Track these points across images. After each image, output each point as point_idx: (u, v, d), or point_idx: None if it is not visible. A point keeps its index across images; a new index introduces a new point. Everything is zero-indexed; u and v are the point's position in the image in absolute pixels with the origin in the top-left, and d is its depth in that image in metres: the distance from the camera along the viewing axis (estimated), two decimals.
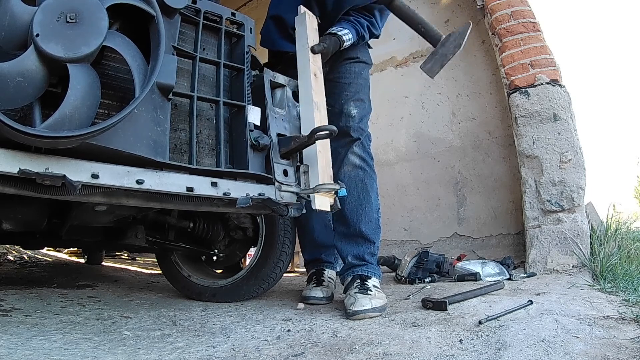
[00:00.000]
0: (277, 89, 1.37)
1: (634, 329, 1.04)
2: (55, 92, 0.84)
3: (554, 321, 1.12)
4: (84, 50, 0.79)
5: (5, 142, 0.78)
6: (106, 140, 0.87)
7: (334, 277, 1.80)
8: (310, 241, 1.81)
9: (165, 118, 1.03)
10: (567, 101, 2.08)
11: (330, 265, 1.80)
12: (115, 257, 4.14)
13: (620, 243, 1.99)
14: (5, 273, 2.58)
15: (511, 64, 2.22)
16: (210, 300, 1.77)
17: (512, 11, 2.27)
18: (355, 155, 1.60)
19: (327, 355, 1.05)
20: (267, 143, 1.22)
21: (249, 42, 1.31)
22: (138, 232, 1.68)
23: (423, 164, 2.93)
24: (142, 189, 0.96)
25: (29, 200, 1.15)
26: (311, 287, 1.71)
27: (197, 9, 1.21)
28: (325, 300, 1.65)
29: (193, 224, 1.77)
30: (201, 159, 1.15)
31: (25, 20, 0.78)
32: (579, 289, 1.57)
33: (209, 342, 1.20)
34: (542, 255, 1.98)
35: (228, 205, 1.20)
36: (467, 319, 1.23)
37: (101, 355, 1.04)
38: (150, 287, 2.27)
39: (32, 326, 1.25)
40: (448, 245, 2.71)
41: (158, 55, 0.91)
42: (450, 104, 2.84)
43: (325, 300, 1.66)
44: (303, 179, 1.30)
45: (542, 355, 0.93)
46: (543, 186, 2.04)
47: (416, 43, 2.99)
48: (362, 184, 1.60)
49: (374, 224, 1.60)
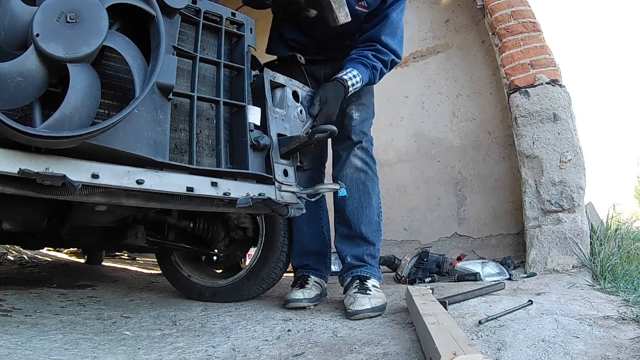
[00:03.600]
0: (277, 89, 1.37)
1: (634, 329, 1.04)
2: (55, 92, 0.83)
3: (554, 321, 1.12)
4: (84, 50, 0.79)
5: (5, 142, 0.78)
6: (106, 140, 0.87)
7: (322, 284, 1.68)
8: (300, 248, 1.71)
9: (166, 118, 1.03)
10: (567, 101, 2.08)
11: (318, 272, 1.67)
12: (115, 257, 4.14)
13: (620, 243, 1.99)
14: (5, 273, 2.58)
15: (511, 64, 2.22)
16: (210, 300, 1.77)
17: (512, 11, 2.27)
18: (358, 158, 1.60)
19: (327, 355, 1.05)
20: (267, 143, 1.22)
21: (249, 42, 1.31)
22: (138, 232, 1.68)
23: (423, 164, 2.93)
24: (142, 189, 0.96)
25: (29, 200, 1.15)
26: (293, 290, 1.61)
27: (197, 9, 1.21)
28: (305, 302, 1.54)
29: (193, 224, 1.76)
30: (201, 159, 1.15)
31: (25, 20, 0.78)
32: (579, 289, 1.57)
33: (209, 342, 1.20)
34: (542, 255, 1.98)
35: (228, 205, 1.20)
36: (467, 319, 1.23)
37: (101, 355, 1.04)
38: (150, 287, 2.27)
39: (32, 326, 1.25)
40: (448, 245, 2.71)
41: (158, 55, 0.90)
42: (450, 104, 2.84)
43: (306, 301, 1.55)
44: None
45: (542, 355, 0.93)
46: (543, 186, 2.04)
47: (416, 43, 2.99)
48: (364, 186, 1.59)
49: (375, 226, 1.60)
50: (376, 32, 1.53)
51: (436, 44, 2.95)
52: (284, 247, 1.70)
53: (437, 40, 2.94)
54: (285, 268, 1.75)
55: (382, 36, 1.53)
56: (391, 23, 1.54)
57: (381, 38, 1.53)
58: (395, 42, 1.55)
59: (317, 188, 1.35)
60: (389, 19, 1.53)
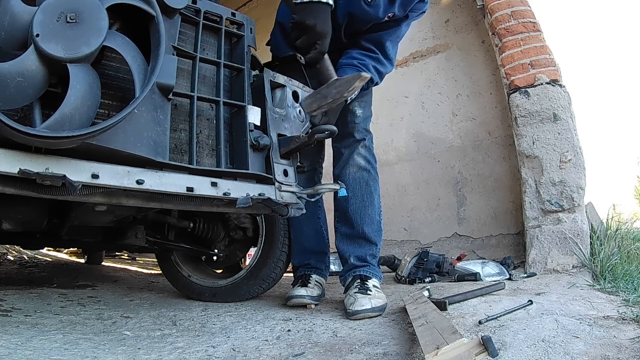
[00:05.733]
0: (277, 89, 1.37)
1: (634, 329, 1.04)
2: (55, 92, 0.83)
3: (554, 321, 1.12)
4: (84, 50, 0.79)
5: (5, 142, 0.78)
6: (106, 141, 0.87)
7: (323, 283, 1.68)
8: (300, 247, 1.71)
9: (166, 118, 1.03)
10: (567, 101, 2.08)
11: (319, 271, 1.68)
12: (115, 257, 4.14)
13: (620, 243, 1.99)
14: (5, 273, 2.58)
15: (511, 64, 2.22)
16: (210, 300, 1.77)
17: (512, 11, 2.27)
18: (361, 157, 1.60)
19: (327, 355, 1.05)
20: (267, 143, 1.22)
21: (249, 42, 1.31)
22: (138, 232, 1.68)
23: (423, 164, 2.93)
24: (142, 189, 0.96)
25: (29, 200, 1.15)
26: (295, 287, 1.61)
27: (197, 9, 1.21)
28: (308, 299, 1.55)
29: (193, 224, 1.76)
30: (201, 159, 1.15)
31: (25, 20, 0.78)
32: (579, 289, 1.57)
33: (209, 342, 1.20)
34: (542, 255, 1.98)
35: (228, 205, 1.20)
36: (467, 319, 1.23)
37: (101, 355, 1.04)
38: (150, 287, 2.27)
39: (32, 326, 1.25)
40: (448, 245, 2.71)
41: (158, 55, 0.90)
42: (450, 104, 2.84)
43: (309, 298, 1.56)
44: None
45: (542, 355, 0.93)
46: (543, 186, 2.04)
47: (416, 43, 2.99)
48: (367, 185, 1.59)
49: (376, 226, 1.60)
50: (382, 36, 1.54)
51: (436, 44, 2.95)
52: (284, 247, 1.70)
53: (437, 40, 2.94)
54: (286, 268, 1.75)
55: (387, 42, 1.55)
56: (399, 32, 1.58)
57: (385, 43, 1.55)
58: (394, 51, 1.60)
59: (317, 188, 1.35)
60: (399, 28, 1.57)
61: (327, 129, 1.26)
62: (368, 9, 1.44)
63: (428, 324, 1.04)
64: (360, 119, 1.61)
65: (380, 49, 1.55)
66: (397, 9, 1.48)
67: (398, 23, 1.56)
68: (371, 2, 1.43)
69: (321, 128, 1.26)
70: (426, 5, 1.57)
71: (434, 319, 1.06)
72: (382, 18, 1.48)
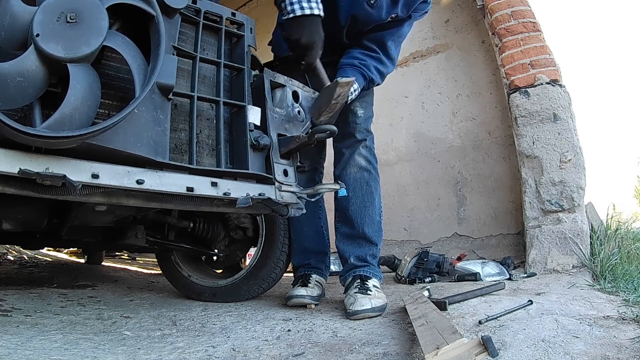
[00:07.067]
0: (277, 89, 1.37)
1: (634, 329, 1.04)
2: (55, 92, 0.83)
3: (554, 321, 1.12)
4: (84, 50, 0.79)
5: (5, 142, 0.78)
6: (106, 140, 0.87)
7: (323, 283, 1.68)
8: (300, 247, 1.71)
9: (166, 118, 1.03)
10: (567, 101, 2.08)
11: (319, 271, 1.67)
12: (115, 257, 4.14)
13: (620, 243, 1.99)
14: (5, 273, 2.58)
15: (511, 64, 2.22)
16: (210, 300, 1.77)
17: (512, 11, 2.27)
18: (362, 157, 1.60)
19: (327, 355, 1.05)
20: (267, 143, 1.22)
21: (249, 42, 1.31)
22: (138, 232, 1.68)
23: (423, 164, 2.93)
24: (142, 189, 0.96)
25: (29, 200, 1.15)
26: (295, 287, 1.61)
27: (197, 9, 1.21)
28: (309, 299, 1.55)
29: (193, 224, 1.76)
30: (201, 159, 1.15)
31: (25, 20, 0.78)
32: (579, 289, 1.57)
33: (209, 342, 1.20)
34: (542, 255, 1.98)
35: (228, 205, 1.20)
36: (467, 319, 1.23)
37: (101, 355, 1.04)
38: (150, 287, 2.27)
39: (32, 326, 1.25)
40: (448, 245, 2.71)
41: (158, 55, 0.90)
42: (450, 104, 2.84)
43: (309, 298, 1.55)
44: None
45: (542, 355, 0.93)
46: (543, 186, 2.04)
47: (416, 43, 2.99)
48: (367, 186, 1.59)
49: (377, 226, 1.60)
50: (384, 36, 1.54)
51: (436, 44, 2.95)
52: (284, 247, 1.70)
53: (437, 40, 2.94)
54: (286, 268, 1.75)
55: (388, 41, 1.55)
56: (401, 32, 1.58)
57: (387, 43, 1.55)
58: (396, 51, 1.60)
59: (317, 188, 1.35)
60: (402, 27, 1.57)
61: (327, 128, 1.26)
62: (371, 10, 1.44)
63: (428, 324, 1.04)
64: (361, 119, 1.60)
65: (382, 48, 1.55)
66: (400, 9, 1.48)
67: (400, 23, 1.56)
68: (374, 4, 1.43)
69: (321, 128, 1.27)
70: (429, 5, 1.58)
71: (434, 319, 1.06)
72: (385, 19, 1.48)
